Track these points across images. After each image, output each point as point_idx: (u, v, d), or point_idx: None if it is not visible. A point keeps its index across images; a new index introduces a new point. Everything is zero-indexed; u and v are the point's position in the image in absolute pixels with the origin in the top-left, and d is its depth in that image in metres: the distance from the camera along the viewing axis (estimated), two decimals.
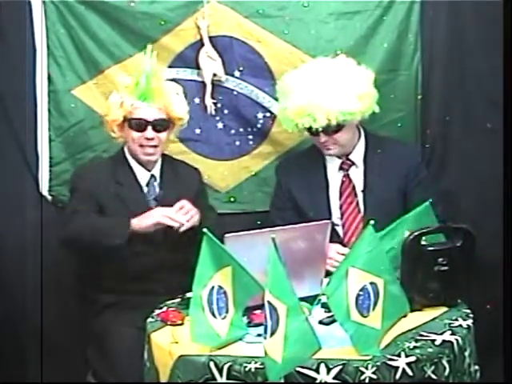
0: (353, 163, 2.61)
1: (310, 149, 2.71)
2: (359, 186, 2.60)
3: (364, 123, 2.62)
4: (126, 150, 2.58)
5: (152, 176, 2.57)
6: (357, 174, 2.61)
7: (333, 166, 2.63)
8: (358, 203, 2.59)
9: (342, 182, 2.61)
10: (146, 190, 2.55)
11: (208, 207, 2.69)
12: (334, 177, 2.62)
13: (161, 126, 2.50)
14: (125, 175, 2.54)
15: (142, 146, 2.50)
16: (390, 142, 2.70)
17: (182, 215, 2.36)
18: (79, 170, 2.65)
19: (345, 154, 2.60)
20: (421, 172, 2.63)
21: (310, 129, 2.50)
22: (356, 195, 2.60)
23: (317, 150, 2.63)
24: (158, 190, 2.57)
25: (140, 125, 2.48)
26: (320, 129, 2.47)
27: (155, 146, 2.51)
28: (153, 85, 2.48)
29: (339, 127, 2.49)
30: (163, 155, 2.62)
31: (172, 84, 2.58)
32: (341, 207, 2.60)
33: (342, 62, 2.55)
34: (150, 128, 2.48)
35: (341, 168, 2.62)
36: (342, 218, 2.59)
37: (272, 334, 1.66)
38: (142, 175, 2.56)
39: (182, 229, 2.36)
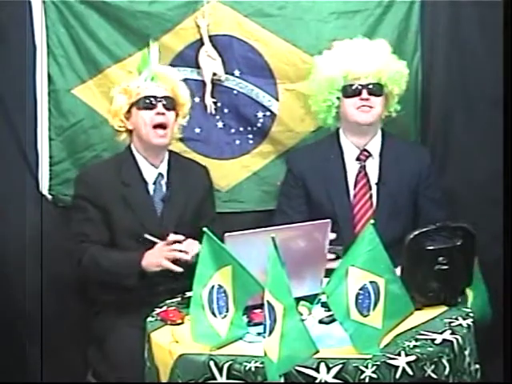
0: (370, 154, 2.63)
1: (324, 140, 2.73)
2: (373, 179, 2.61)
3: None
4: (132, 147, 2.53)
5: (159, 174, 2.53)
6: (372, 166, 2.62)
7: (350, 155, 2.64)
8: (371, 196, 2.60)
9: (358, 173, 2.62)
10: (152, 189, 2.51)
11: (214, 206, 2.69)
12: (351, 166, 2.63)
13: (170, 104, 2.48)
14: (131, 174, 2.49)
15: (153, 126, 2.45)
16: (404, 141, 2.76)
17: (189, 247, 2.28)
18: (83, 175, 2.56)
19: (365, 138, 2.63)
20: (431, 174, 2.66)
21: (352, 86, 2.55)
22: (370, 187, 2.61)
23: (333, 140, 2.66)
24: (164, 189, 2.52)
25: (150, 102, 2.45)
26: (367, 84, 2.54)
27: (165, 128, 2.46)
28: (158, 69, 2.50)
29: (380, 93, 2.56)
30: (170, 152, 2.58)
31: (174, 70, 2.61)
32: (354, 197, 2.60)
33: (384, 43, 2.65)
34: (160, 105, 2.45)
35: (358, 158, 2.63)
36: (354, 209, 2.59)
37: (270, 333, 1.66)
38: (149, 173, 2.51)
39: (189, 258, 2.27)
